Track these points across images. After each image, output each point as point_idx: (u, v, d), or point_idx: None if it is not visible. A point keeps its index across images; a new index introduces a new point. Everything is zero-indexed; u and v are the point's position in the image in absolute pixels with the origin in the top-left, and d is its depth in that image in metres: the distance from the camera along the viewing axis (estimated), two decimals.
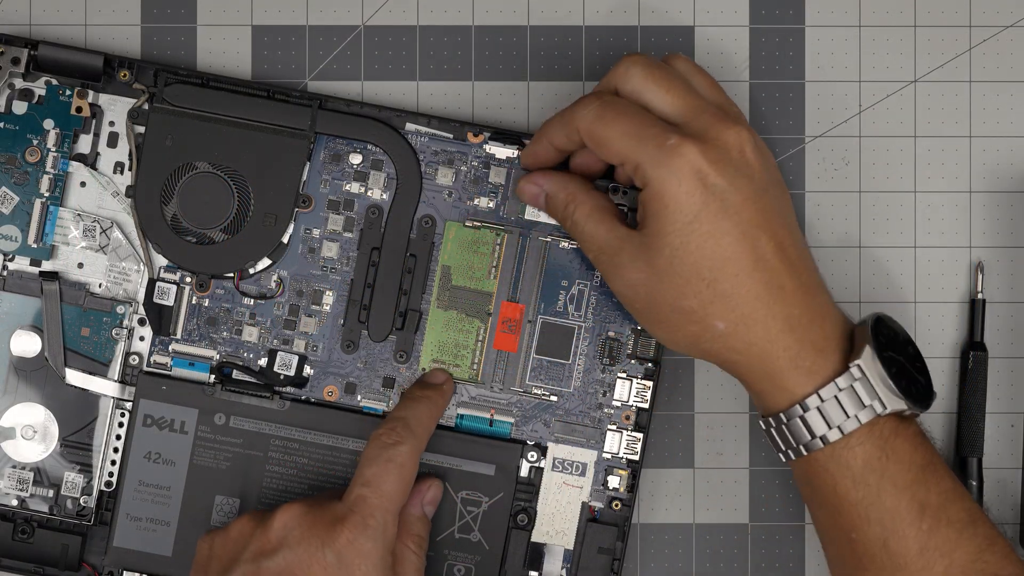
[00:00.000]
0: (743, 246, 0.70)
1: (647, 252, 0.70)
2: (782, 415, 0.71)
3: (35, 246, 0.76)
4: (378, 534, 0.70)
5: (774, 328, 0.70)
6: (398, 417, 0.73)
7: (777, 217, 0.70)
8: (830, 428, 0.70)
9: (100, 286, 0.77)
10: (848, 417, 0.70)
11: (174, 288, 0.77)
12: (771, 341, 0.70)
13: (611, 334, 0.77)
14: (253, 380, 0.77)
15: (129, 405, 0.76)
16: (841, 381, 0.70)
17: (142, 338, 0.77)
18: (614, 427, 0.77)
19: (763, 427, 0.72)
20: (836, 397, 0.70)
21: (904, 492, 0.70)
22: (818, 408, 0.70)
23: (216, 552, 0.72)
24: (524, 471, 0.77)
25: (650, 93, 0.71)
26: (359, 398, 0.77)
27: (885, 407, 0.70)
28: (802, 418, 0.70)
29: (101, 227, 0.77)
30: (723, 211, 0.69)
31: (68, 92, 0.76)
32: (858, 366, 0.70)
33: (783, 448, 0.72)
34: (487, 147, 0.77)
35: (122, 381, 0.76)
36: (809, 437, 0.70)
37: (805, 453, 0.71)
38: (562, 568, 0.77)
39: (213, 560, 0.72)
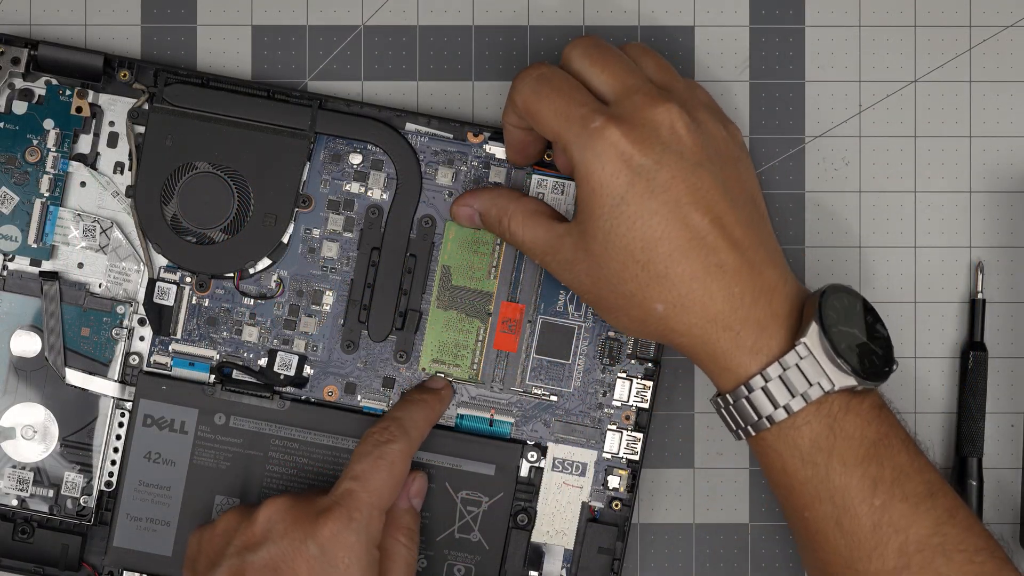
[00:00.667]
0: (673, 225, 0.69)
1: (584, 239, 0.70)
2: (729, 396, 0.70)
3: (35, 246, 0.76)
4: (362, 528, 0.70)
5: (712, 308, 0.69)
6: (393, 417, 0.73)
7: (715, 192, 0.69)
8: (775, 408, 0.69)
9: (100, 286, 0.77)
10: (794, 396, 0.69)
11: (174, 288, 0.77)
12: (711, 321, 0.69)
13: (611, 334, 0.77)
14: (253, 380, 0.77)
15: (129, 405, 0.76)
16: (786, 360, 0.69)
17: (142, 338, 0.77)
18: (614, 427, 0.77)
19: (713, 407, 0.72)
20: (781, 377, 0.69)
21: (855, 469, 0.69)
22: (763, 388, 0.69)
23: (204, 547, 0.72)
24: (524, 471, 0.77)
25: (588, 72, 0.71)
26: (359, 398, 0.77)
27: (833, 385, 0.69)
28: (747, 398, 0.69)
29: (101, 227, 0.77)
30: (649, 191, 0.69)
31: (68, 92, 0.76)
32: (803, 344, 0.69)
33: (733, 428, 0.71)
34: (487, 147, 0.77)
35: (122, 381, 0.76)
36: (756, 417, 0.70)
37: (753, 433, 0.70)
38: (562, 568, 0.77)
39: (201, 555, 0.72)
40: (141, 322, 0.77)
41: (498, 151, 0.77)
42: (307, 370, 0.77)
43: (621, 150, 0.69)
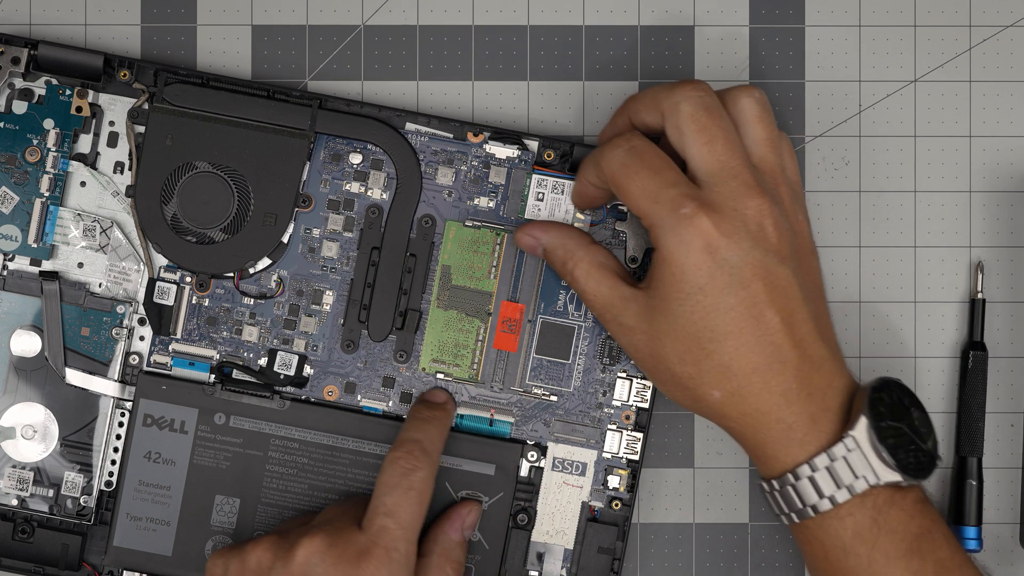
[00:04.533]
0: (747, 321, 0.69)
1: (651, 313, 0.70)
2: (775, 482, 0.71)
3: (35, 246, 0.76)
4: (402, 565, 0.70)
5: (769, 401, 0.70)
6: (413, 439, 0.73)
7: (791, 290, 0.70)
8: (820, 498, 0.69)
9: (100, 286, 0.77)
10: (839, 488, 0.69)
11: (174, 288, 0.77)
12: (765, 413, 0.70)
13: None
14: (253, 380, 0.77)
15: (129, 405, 0.76)
16: (833, 452, 0.69)
17: (142, 338, 0.77)
18: (614, 427, 0.77)
19: (760, 490, 0.72)
20: (827, 468, 0.69)
21: (896, 562, 0.69)
22: (809, 478, 0.69)
23: None
24: (524, 471, 0.77)
25: (690, 139, 0.70)
26: (359, 398, 0.77)
27: (879, 479, 0.69)
28: (793, 486, 0.70)
29: (101, 227, 0.77)
30: (730, 286, 0.69)
31: (68, 92, 0.76)
32: (852, 437, 0.69)
33: (777, 512, 0.72)
34: (487, 147, 0.77)
35: (122, 381, 0.76)
36: (800, 505, 0.70)
37: (797, 520, 0.71)
38: (562, 568, 0.77)
39: None
40: (141, 322, 0.77)
41: (498, 151, 0.77)
42: (307, 370, 0.77)
43: (708, 241, 0.69)
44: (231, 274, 0.77)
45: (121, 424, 0.76)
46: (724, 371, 0.69)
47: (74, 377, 0.76)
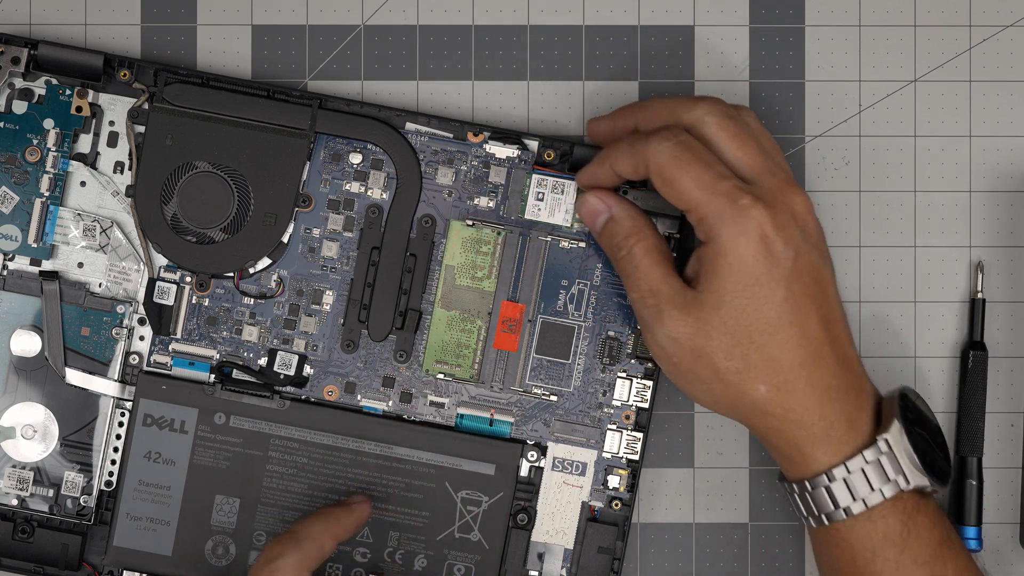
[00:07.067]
0: (795, 316, 0.70)
1: (700, 308, 0.70)
2: (807, 483, 0.71)
3: (35, 246, 0.76)
4: None
5: (813, 397, 0.70)
6: (289, 530, 0.72)
7: (831, 287, 0.71)
8: (854, 500, 0.70)
9: (100, 286, 0.77)
10: (872, 490, 0.70)
11: (174, 288, 0.77)
12: (808, 409, 0.70)
13: (611, 333, 0.77)
14: (253, 380, 0.77)
15: (129, 405, 0.76)
16: (869, 454, 0.70)
17: (142, 338, 0.77)
18: (614, 427, 0.77)
19: (786, 491, 0.72)
20: (862, 470, 0.70)
21: (923, 567, 0.70)
22: (844, 480, 0.70)
23: None
24: (524, 471, 0.77)
25: (723, 145, 0.70)
26: (359, 398, 0.77)
27: (909, 482, 0.70)
28: (827, 488, 0.70)
29: (101, 227, 0.77)
30: (784, 279, 0.69)
31: (68, 92, 0.76)
32: (885, 440, 0.70)
33: (805, 514, 0.72)
34: (487, 147, 0.77)
35: (122, 381, 0.76)
36: (832, 507, 0.71)
37: (827, 523, 0.71)
38: (562, 568, 0.77)
39: None
40: (141, 321, 0.77)
41: (498, 151, 0.77)
42: (307, 370, 0.77)
43: (765, 232, 0.69)
44: (231, 274, 0.77)
45: (121, 424, 0.76)
46: (772, 364, 0.70)
47: (74, 377, 0.76)
